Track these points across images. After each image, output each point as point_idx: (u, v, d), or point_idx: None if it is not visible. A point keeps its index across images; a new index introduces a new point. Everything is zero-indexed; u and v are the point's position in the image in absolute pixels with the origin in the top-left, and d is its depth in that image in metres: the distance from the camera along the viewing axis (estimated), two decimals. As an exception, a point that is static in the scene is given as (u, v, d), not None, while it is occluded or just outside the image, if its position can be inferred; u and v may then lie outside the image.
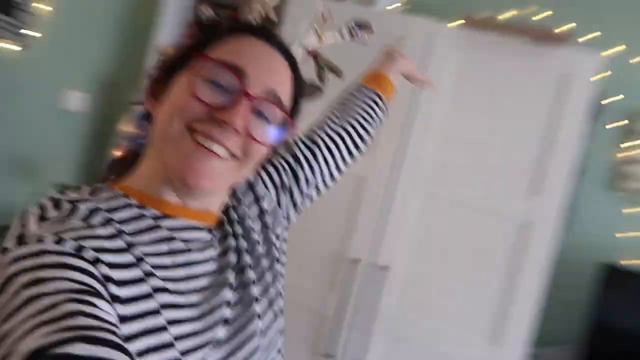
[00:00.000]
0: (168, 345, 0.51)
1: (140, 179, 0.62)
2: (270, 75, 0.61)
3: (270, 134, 0.61)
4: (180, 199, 0.61)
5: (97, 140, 2.22)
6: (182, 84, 0.59)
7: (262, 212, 0.74)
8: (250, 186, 0.75)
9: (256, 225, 0.72)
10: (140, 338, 0.48)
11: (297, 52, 0.98)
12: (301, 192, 0.83)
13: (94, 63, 2.22)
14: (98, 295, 0.44)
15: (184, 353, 0.52)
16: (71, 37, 2.08)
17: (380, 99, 0.96)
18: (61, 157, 2.16)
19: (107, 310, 0.44)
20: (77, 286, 0.43)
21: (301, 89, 0.68)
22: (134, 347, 0.48)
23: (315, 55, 1.00)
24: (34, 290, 0.41)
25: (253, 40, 0.62)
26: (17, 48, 1.67)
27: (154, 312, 0.51)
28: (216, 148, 0.57)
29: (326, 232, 1.75)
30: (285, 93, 0.63)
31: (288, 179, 0.82)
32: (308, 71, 1.01)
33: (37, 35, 1.69)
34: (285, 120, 0.63)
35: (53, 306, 0.40)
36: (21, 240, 0.48)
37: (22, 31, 1.63)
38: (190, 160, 0.57)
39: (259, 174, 0.78)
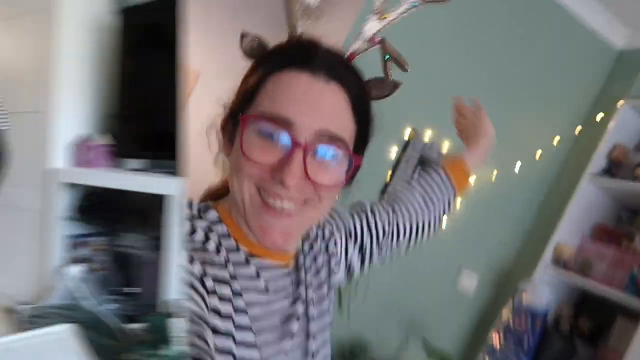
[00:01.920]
0: None
1: (232, 208, 0.63)
2: (319, 114, 0.56)
3: (333, 174, 0.58)
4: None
5: (478, 319, 2.34)
6: (238, 141, 0.58)
7: (327, 251, 0.76)
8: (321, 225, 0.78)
9: (321, 261, 0.74)
10: None
11: (358, 47, 0.72)
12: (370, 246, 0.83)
13: (492, 247, 2.35)
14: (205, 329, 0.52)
15: None
16: (476, 220, 2.24)
17: (454, 200, 0.93)
18: (442, 324, 2.30)
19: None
20: (195, 310, 0.52)
21: (365, 108, 0.62)
22: None
23: (381, 43, 0.72)
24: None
25: (295, 76, 0.57)
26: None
27: (238, 344, 0.56)
28: (284, 204, 0.57)
29: None
30: (341, 124, 0.58)
31: (361, 230, 0.82)
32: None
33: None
34: (348, 155, 0.59)
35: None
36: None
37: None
38: (263, 226, 0.58)
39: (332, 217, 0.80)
